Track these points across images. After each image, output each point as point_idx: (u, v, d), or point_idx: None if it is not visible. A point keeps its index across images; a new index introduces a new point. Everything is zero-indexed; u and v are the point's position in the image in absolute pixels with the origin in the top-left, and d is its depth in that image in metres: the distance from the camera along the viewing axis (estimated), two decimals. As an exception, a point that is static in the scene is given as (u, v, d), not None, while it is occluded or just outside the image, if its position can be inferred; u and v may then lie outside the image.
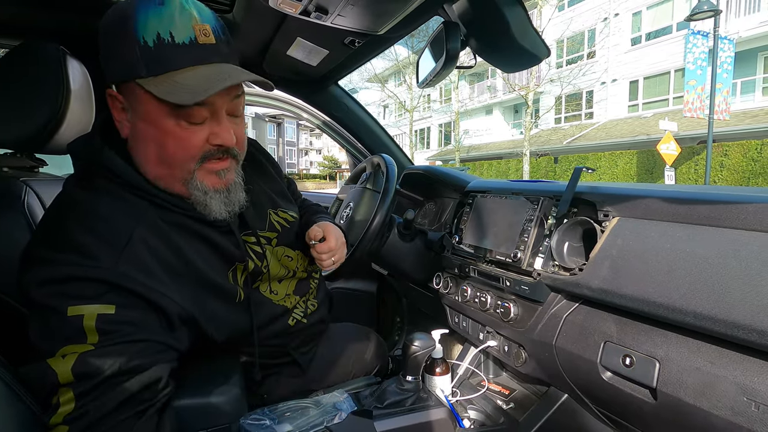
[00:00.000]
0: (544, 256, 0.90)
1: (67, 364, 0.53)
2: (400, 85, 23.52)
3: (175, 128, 0.65)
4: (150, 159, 0.68)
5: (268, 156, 1.00)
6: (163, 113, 0.64)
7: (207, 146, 0.68)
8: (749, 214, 0.61)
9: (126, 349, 0.57)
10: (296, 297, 0.91)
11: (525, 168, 14.85)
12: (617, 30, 15.39)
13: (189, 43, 0.63)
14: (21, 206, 0.80)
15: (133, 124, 0.67)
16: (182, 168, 0.68)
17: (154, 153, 0.67)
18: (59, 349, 0.54)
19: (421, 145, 25.38)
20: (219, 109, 0.68)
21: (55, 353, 0.54)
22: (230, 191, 0.73)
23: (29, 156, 0.97)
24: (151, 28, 0.61)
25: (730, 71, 10.14)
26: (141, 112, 0.65)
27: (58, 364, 0.53)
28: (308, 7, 1.01)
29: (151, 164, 0.68)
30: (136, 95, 0.64)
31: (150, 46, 0.61)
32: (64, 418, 0.52)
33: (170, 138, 0.65)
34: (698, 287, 0.60)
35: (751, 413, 0.54)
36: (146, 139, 0.67)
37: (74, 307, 0.55)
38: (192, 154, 0.67)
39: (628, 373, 0.69)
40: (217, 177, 0.71)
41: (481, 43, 1.02)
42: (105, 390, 0.54)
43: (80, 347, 0.54)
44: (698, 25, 10.06)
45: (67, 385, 0.53)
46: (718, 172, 10.90)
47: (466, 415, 1.03)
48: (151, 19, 0.61)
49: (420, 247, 1.31)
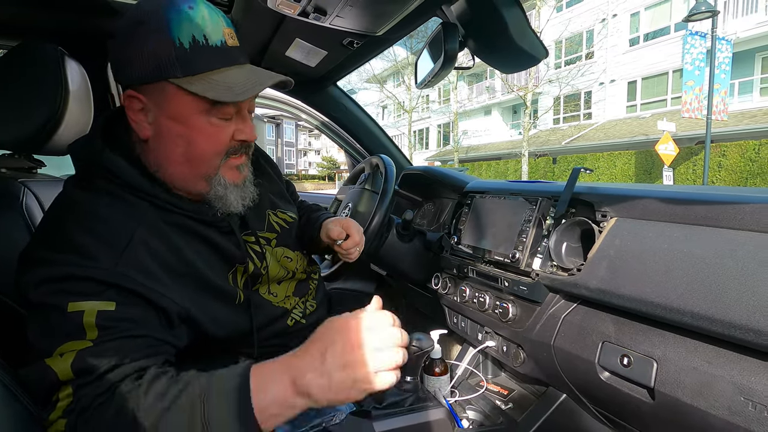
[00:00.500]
0: (542, 257, 0.91)
1: (66, 362, 0.53)
2: (399, 86, 23.54)
3: (206, 125, 0.68)
4: (175, 157, 0.69)
5: (267, 157, 1.00)
6: (197, 110, 0.67)
7: (232, 142, 0.71)
8: (746, 214, 0.61)
9: (124, 344, 0.56)
10: (296, 298, 0.91)
11: (524, 168, 14.86)
12: (615, 31, 15.42)
13: (221, 45, 0.66)
14: (19, 207, 0.80)
15: (157, 124, 0.68)
16: (209, 164, 0.71)
17: (181, 151, 0.69)
18: (59, 346, 0.54)
19: (419, 145, 25.39)
20: (243, 107, 0.71)
21: (53, 352, 0.54)
22: (245, 185, 0.77)
23: (27, 157, 0.97)
24: (185, 31, 0.64)
25: (728, 72, 10.17)
26: (170, 110, 0.67)
27: (57, 363, 0.53)
28: (307, 8, 1.02)
29: (175, 163, 0.69)
30: (166, 94, 0.66)
31: (186, 48, 0.64)
32: (63, 411, 0.52)
33: (200, 135, 0.68)
34: (695, 287, 0.60)
35: (748, 413, 0.54)
36: (174, 137, 0.68)
37: (75, 303, 0.56)
38: (219, 150, 0.70)
39: (626, 373, 0.69)
40: (237, 171, 0.75)
41: (479, 44, 1.02)
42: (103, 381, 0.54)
43: (79, 344, 0.54)
44: (696, 25, 10.07)
45: (67, 382, 0.53)
46: (716, 173, 10.92)
47: (464, 415, 1.03)
48: (185, 22, 0.64)
49: (419, 248, 1.31)
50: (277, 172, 1.01)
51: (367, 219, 1.16)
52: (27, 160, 0.97)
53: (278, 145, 39.97)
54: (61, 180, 1.04)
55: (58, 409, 0.52)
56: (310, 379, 0.53)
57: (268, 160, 1.00)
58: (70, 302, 0.55)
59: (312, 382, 0.53)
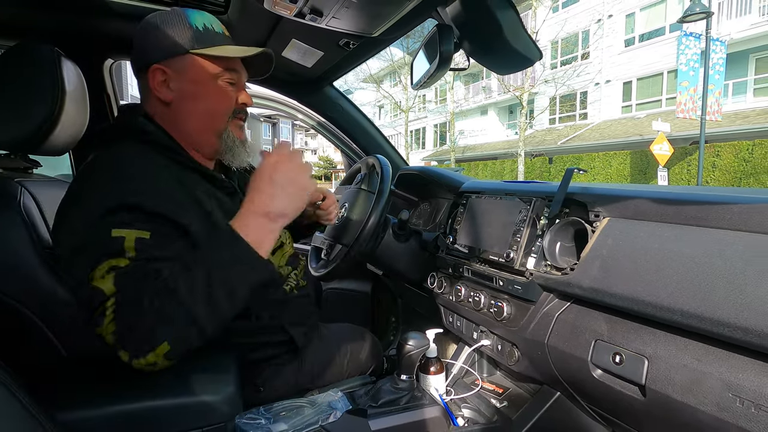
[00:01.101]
0: (536, 256, 0.92)
1: (108, 281, 0.65)
2: (396, 86, 23.53)
3: (218, 87, 0.86)
4: (194, 111, 0.86)
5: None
6: (211, 74, 0.85)
7: (237, 105, 0.90)
8: (734, 214, 0.62)
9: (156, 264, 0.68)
10: (288, 268, 1.01)
11: (520, 168, 14.91)
12: (611, 31, 15.50)
13: (221, 33, 0.88)
14: (17, 206, 0.80)
15: (180, 89, 0.84)
16: (221, 119, 0.88)
17: (202, 107, 0.86)
18: (100, 264, 0.65)
19: (416, 145, 25.41)
20: (242, 78, 0.91)
21: (95, 269, 0.65)
22: (244, 143, 0.93)
23: (23, 157, 0.97)
24: (199, 20, 0.85)
25: (722, 72, 10.24)
26: (191, 75, 0.84)
27: (102, 283, 0.65)
28: (303, 9, 1.02)
29: (196, 117, 0.86)
30: (187, 63, 0.84)
31: (201, 30, 0.84)
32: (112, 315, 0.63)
33: (215, 94, 0.86)
34: (685, 286, 0.61)
35: (736, 408, 0.55)
36: (195, 97, 0.85)
37: (117, 230, 0.67)
38: (228, 108, 0.89)
39: (618, 371, 0.70)
40: (240, 130, 0.93)
41: (474, 46, 1.03)
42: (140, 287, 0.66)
43: (118, 261, 0.66)
44: (691, 26, 10.13)
45: (111, 295, 0.64)
46: (711, 173, 11.00)
47: (460, 413, 1.04)
48: (198, 16, 0.86)
49: (414, 248, 1.32)
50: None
51: (363, 219, 1.17)
52: (23, 161, 0.97)
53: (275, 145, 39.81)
54: (57, 180, 1.04)
55: (107, 317, 0.64)
56: (273, 204, 0.74)
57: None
58: (113, 229, 0.66)
59: (274, 205, 0.74)
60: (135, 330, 0.64)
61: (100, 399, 0.66)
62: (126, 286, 0.65)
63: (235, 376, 0.75)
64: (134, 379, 0.72)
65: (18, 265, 0.76)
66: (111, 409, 0.65)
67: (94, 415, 0.64)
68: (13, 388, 0.49)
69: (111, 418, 0.65)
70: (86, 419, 0.64)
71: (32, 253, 0.79)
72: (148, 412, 0.66)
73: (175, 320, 0.66)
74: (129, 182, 0.71)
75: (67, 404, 0.64)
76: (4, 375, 0.48)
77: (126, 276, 0.66)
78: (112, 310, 0.64)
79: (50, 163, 1.08)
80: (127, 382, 0.71)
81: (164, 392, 0.69)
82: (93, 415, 0.64)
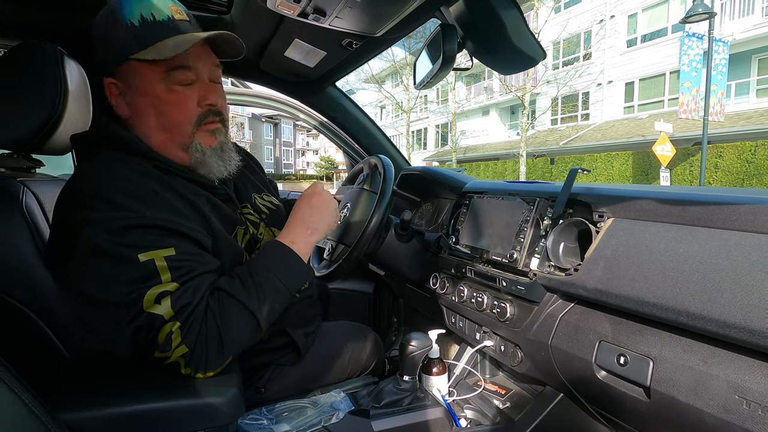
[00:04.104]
0: (539, 257, 0.91)
1: (165, 305, 0.65)
2: (397, 86, 23.52)
3: (169, 93, 0.76)
4: (151, 127, 0.77)
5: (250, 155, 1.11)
6: (157, 80, 0.75)
7: (200, 109, 0.79)
8: (741, 215, 0.62)
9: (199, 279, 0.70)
10: None
11: (521, 169, 14.89)
12: (613, 32, 15.47)
13: (167, 20, 0.75)
14: (19, 206, 0.80)
15: (133, 102, 0.77)
16: (182, 131, 0.78)
17: (154, 120, 0.77)
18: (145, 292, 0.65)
19: (418, 145, 25.40)
20: (202, 73, 0.79)
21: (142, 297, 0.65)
22: (223, 150, 0.83)
23: (26, 156, 0.97)
24: (135, 12, 0.73)
25: (724, 73, 10.22)
26: (138, 85, 0.75)
27: (158, 308, 0.65)
28: (306, 8, 1.02)
29: (153, 132, 0.77)
30: (131, 71, 0.75)
31: (136, 26, 0.73)
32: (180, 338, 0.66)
33: (166, 103, 0.76)
34: (691, 287, 0.61)
35: (742, 411, 0.55)
36: (146, 109, 0.76)
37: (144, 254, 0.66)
38: (188, 116, 0.78)
39: (623, 372, 0.70)
40: (212, 136, 0.82)
41: (477, 46, 1.03)
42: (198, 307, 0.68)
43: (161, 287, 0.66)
44: (693, 27, 10.11)
45: (171, 319, 0.66)
46: (713, 174, 10.97)
47: (462, 414, 1.03)
48: (135, 5, 0.73)
49: (417, 248, 1.31)
50: (259, 167, 1.12)
51: (365, 219, 1.16)
52: (26, 160, 0.96)
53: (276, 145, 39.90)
54: (60, 179, 1.04)
55: (174, 341, 0.65)
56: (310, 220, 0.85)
57: (250, 157, 1.10)
58: (140, 254, 0.66)
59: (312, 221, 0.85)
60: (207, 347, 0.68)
61: (103, 399, 0.66)
62: (184, 306, 0.67)
63: (238, 378, 0.75)
64: (136, 380, 0.71)
65: (20, 265, 0.76)
66: (113, 409, 0.65)
67: (97, 415, 0.64)
68: (16, 387, 0.48)
69: (113, 419, 0.64)
70: (89, 419, 0.63)
71: (34, 253, 0.78)
72: (150, 414, 0.66)
73: (240, 326, 0.70)
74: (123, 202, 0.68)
75: (70, 404, 0.64)
76: (7, 375, 0.48)
77: (181, 298, 0.67)
78: (179, 334, 0.66)
79: (53, 163, 1.08)
80: (130, 383, 0.71)
81: (167, 394, 0.69)
82: (96, 415, 0.64)
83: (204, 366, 0.68)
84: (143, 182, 0.72)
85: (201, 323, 0.68)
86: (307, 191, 0.90)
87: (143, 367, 0.70)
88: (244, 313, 0.71)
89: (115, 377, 0.73)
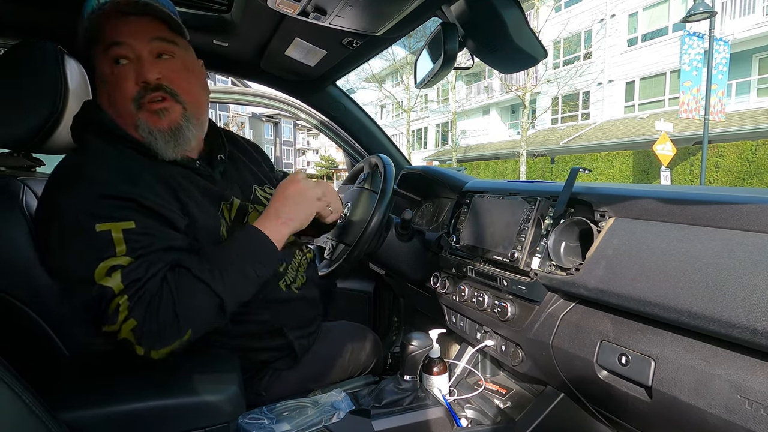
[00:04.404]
0: (541, 256, 0.91)
1: (116, 278, 0.66)
2: (398, 85, 23.52)
3: (110, 75, 0.78)
4: (108, 108, 0.80)
5: (257, 147, 1.11)
6: (104, 63, 0.78)
7: (137, 87, 0.78)
8: (743, 214, 0.62)
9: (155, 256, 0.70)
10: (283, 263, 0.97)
11: (522, 168, 14.88)
12: (614, 31, 15.45)
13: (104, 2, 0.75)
14: (19, 205, 0.80)
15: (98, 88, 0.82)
16: (124, 110, 0.78)
17: (107, 102, 0.80)
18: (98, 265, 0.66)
19: (418, 145, 25.39)
20: (139, 50, 0.78)
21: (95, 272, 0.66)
22: (176, 133, 0.81)
23: (26, 155, 0.96)
24: (90, 4, 0.76)
25: (725, 72, 10.21)
26: (97, 71, 0.80)
27: (109, 281, 0.66)
28: (307, 7, 1.02)
29: (113, 114, 0.80)
30: (95, 60, 0.79)
31: (86, 18, 0.76)
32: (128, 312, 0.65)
33: (109, 84, 0.78)
34: (693, 287, 0.61)
35: (744, 411, 0.54)
36: (102, 92, 0.81)
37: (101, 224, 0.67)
38: (125, 95, 0.77)
39: (624, 372, 0.70)
40: (157, 116, 0.79)
41: (478, 44, 1.02)
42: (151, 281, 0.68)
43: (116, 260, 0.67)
44: (694, 26, 10.10)
45: (120, 292, 0.66)
46: (714, 173, 10.97)
47: (463, 414, 1.03)
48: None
49: (417, 247, 1.31)
50: (264, 157, 1.11)
51: (366, 218, 1.16)
52: (26, 159, 0.96)
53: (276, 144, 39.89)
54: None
55: (121, 314, 0.65)
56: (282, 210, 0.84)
57: (257, 149, 1.10)
58: (97, 224, 0.67)
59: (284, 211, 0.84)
60: (158, 320, 0.66)
61: (103, 398, 0.66)
62: (134, 280, 0.67)
63: (239, 376, 0.75)
64: (137, 378, 0.71)
65: (20, 264, 0.76)
66: (114, 408, 0.65)
67: (98, 414, 0.64)
68: (16, 387, 0.48)
69: (113, 417, 0.64)
70: (90, 418, 0.63)
71: (34, 252, 0.78)
72: (150, 412, 0.66)
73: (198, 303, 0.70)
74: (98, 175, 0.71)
75: (70, 403, 0.64)
76: (7, 374, 0.48)
77: (132, 272, 0.67)
78: (126, 307, 0.65)
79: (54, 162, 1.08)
80: (130, 381, 0.71)
81: (167, 392, 0.69)
82: (96, 414, 0.64)
83: (159, 341, 0.67)
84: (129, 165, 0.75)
85: (153, 297, 0.67)
86: (283, 181, 0.89)
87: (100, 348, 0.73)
88: (206, 291, 0.71)
89: (115, 376, 0.73)
